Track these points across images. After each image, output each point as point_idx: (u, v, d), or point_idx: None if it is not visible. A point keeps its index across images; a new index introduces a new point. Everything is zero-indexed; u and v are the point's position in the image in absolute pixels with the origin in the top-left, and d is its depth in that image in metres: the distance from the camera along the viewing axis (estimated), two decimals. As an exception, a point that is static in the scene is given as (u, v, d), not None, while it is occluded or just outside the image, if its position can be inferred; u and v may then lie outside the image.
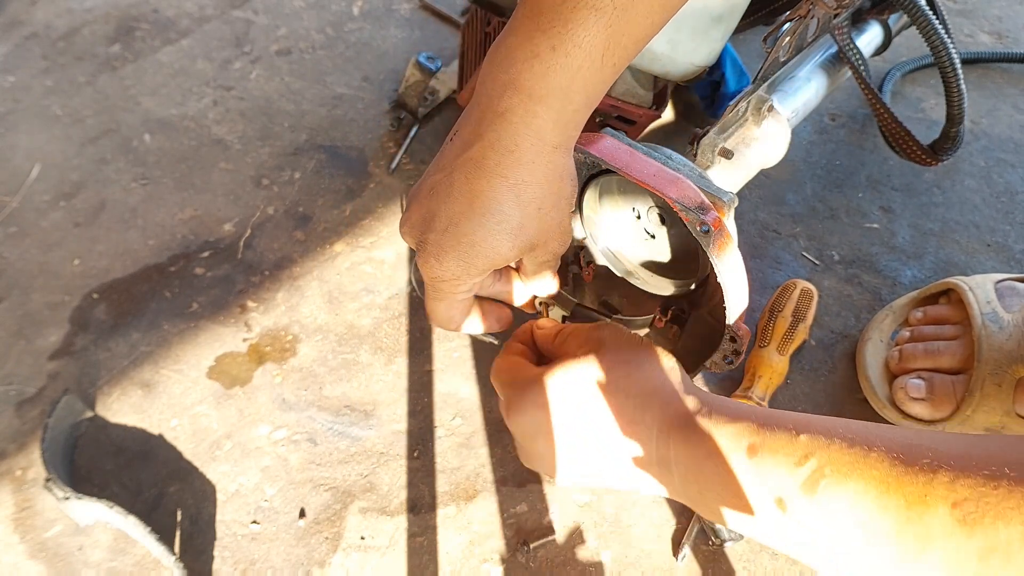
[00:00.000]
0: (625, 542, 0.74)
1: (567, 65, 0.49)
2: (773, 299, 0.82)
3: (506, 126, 0.51)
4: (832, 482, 0.42)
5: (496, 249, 0.54)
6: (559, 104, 0.51)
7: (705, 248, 0.54)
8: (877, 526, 0.39)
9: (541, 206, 0.54)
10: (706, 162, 0.72)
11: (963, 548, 0.36)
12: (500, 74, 0.51)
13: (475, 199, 0.52)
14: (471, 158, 0.52)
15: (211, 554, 0.74)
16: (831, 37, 0.81)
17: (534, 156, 0.52)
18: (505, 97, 0.51)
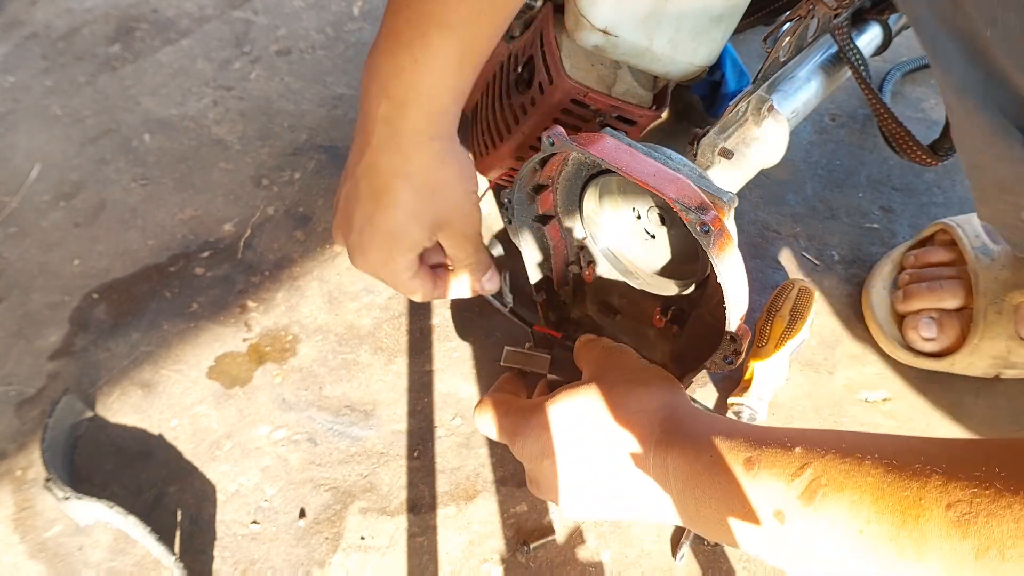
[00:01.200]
0: (625, 542, 0.74)
1: (429, 72, 0.58)
2: (771, 299, 0.82)
3: (387, 130, 0.61)
4: (829, 491, 0.43)
5: (407, 232, 0.64)
6: (427, 104, 0.60)
7: (705, 248, 0.54)
8: (874, 530, 0.40)
9: (433, 189, 0.63)
10: (706, 162, 0.72)
11: (959, 548, 0.37)
12: (373, 87, 0.61)
13: (379, 197, 0.62)
14: (367, 164, 0.63)
15: (211, 554, 0.74)
16: (831, 37, 0.81)
17: (415, 149, 0.61)
18: (382, 106, 0.60)
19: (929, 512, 0.38)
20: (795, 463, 0.46)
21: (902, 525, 0.39)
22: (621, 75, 0.78)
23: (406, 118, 0.60)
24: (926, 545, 0.38)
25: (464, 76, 0.61)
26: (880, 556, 0.40)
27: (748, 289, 0.59)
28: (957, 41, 0.52)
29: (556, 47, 0.76)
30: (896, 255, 0.87)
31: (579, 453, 0.58)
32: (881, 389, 0.83)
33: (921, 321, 0.81)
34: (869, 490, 0.41)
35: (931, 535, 0.38)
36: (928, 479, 0.39)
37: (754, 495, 0.47)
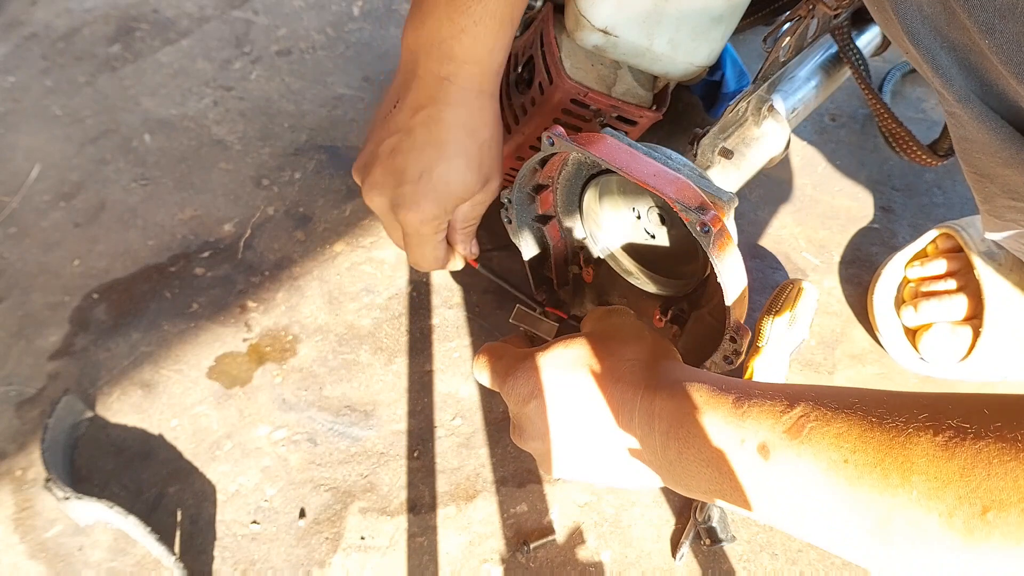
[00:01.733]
0: (625, 542, 0.74)
1: (488, 33, 0.62)
2: (771, 298, 0.82)
3: (452, 88, 0.64)
4: (816, 426, 0.43)
5: (466, 183, 0.66)
6: (487, 61, 0.64)
7: (705, 248, 0.54)
8: (860, 458, 0.40)
9: (491, 144, 0.67)
10: (706, 162, 0.72)
11: (945, 469, 0.37)
12: (436, 51, 0.63)
13: (443, 147, 0.64)
14: (429, 117, 0.64)
15: (211, 554, 0.74)
16: (831, 37, 0.81)
17: (480, 105, 0.65)
18: (445, 66, 0.63)
19: (916, 438, 0.38)
20: (784, 402, 0.46)
21: (888, 452, 0.39)
22: (621, 75, 0.78)
23: (470, 75, 0.64)
24: (911, 468, 0.38)
25: (508, 32, 0.65)
26: (864, 482, 0.40)
27: (748, 289, 0.59)
28: (953, 53, 0.52)
29: (556, 47, 0.76)
30: (899, 262, 0.86)
31: (567, 396, 0.57)
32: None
33: (934, 333, 0.80)
34: (857, 423, 0.41)
35: (917, 459, 0.38)
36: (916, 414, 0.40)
37: (740, 431, 0.46)
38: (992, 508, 0.35)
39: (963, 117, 0.55)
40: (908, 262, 0.85)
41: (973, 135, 0.56)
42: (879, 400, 0.43)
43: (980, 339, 0.77)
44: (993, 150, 0.55)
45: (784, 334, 0.79)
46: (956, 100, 0.54)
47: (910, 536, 0.38)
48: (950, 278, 0.82)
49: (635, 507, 0.76)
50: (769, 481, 0.45)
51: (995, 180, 0.59)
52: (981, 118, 0.53)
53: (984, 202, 0.65)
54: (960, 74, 0.53)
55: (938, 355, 0.80)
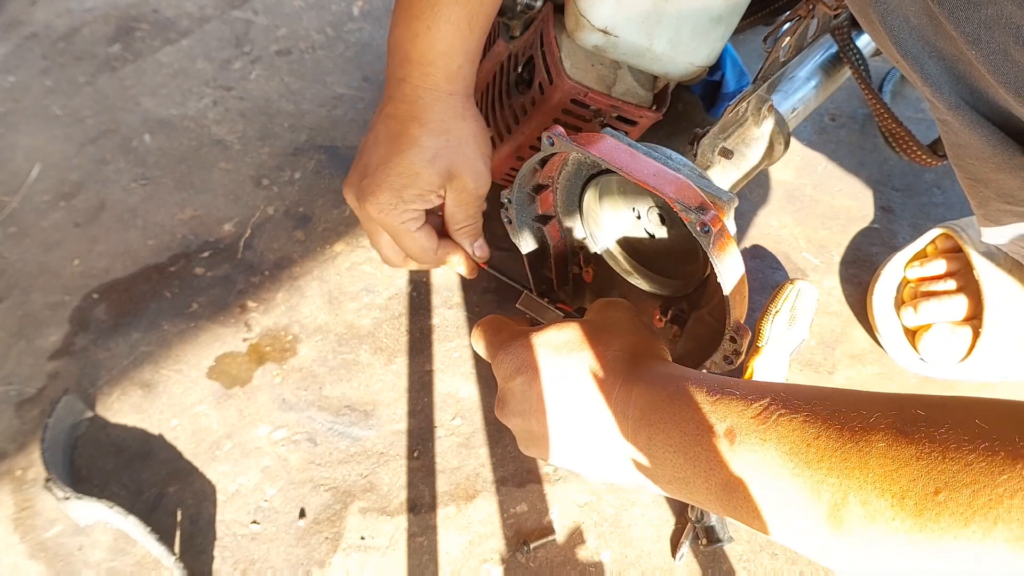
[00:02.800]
0: (625, 542, 0.74)
1: (442, 37, 0.65)
2: (771, 298, 0.82)
3: (407, 86, 0.67)
4: (784, 413, 0.44)
5: (420, 176, 0.67)
6: (444, 63, 0.66)
7: (705, 248, 0.54)
8: (822, 444, 0.41)
9: (448, 138, 0.67)
10: (706, 162, 0.72)
11: (902, 452, 0.37)
12: (396, 54, 0.67)
13: (396, 140, 0.67)
14: (387, 114, 0.68)
15: (211, 554, 0.74)
16: (831, 37, 0.81)
17: (434, 101, 0.67)
18: (402, 68, 0.67)
19: (878, 426, 0.39)
20: (755, 394, 0.46)
21: (850, 437, 0.40)
22: (621, 75, 0.78)
23: (425, 76, 0.66)
24: (871, 452, 0.38)
25: (474, 37, 0.67)
26: (823, 465, 0.40)
27: (748, 289, 0.59)
28: (942, 62, 0.52)
29: (556, 47, 0.76)
30: (899, 262, 0.86)
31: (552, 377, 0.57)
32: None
33: (933, 334, 0.80)
34: (823, 412, 0.42)
35: (877, 443, 0.38)
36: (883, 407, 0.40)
37: (710, 416, 0.47)
38: (944, 489, 0.35)
39: (954, 124, 0.55)
40: (908, 262, 0.85)
41: (965, 141, 0.56)
42: (848, 396, 0.44)
43: (980, 339, 0.77)
44: (985, 155, 0.55)
45: (784, 334, 0.80)
46: (947, 108, 0.54)
47: (862, 517, 0.38)
48: (950, 278, 0.82)
49: (635, 507, 0.76)
50: (733, 466, 0.45)
51: (989, 185, 0.59)
52: (972, 125, 0.53)
53: (979, 206, 0.65)
54: (949, 83, 0.53)
55: (938, 355, 0.80)
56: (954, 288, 0.81)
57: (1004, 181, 0.57)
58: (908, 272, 0.84)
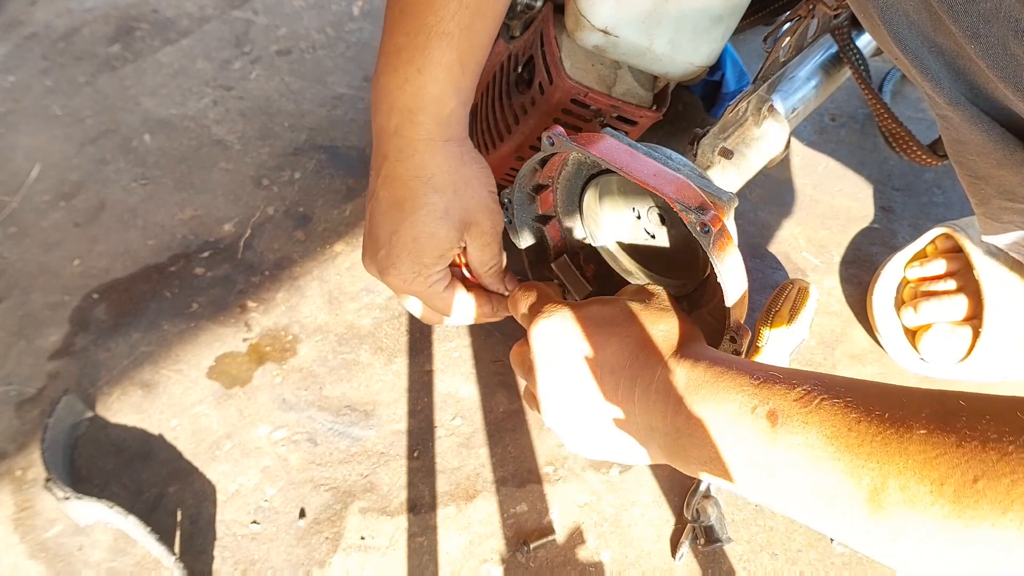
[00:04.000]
0: (625, 542, 0.74)
1: (434, 80, 0.60)
2: (771, 298, 0.82)
3: (400, 140, 0.62)
4: (827, 398, 0.44)
5: (435, 235, 0.63)
6: (435, 110, 0.61)
7: (705, 248, 0.54)
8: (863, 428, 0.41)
9: (455, 188, 0.63)
10: (706, 162, 0.72)
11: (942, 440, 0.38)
12: (383, 104, 0.62)
13: (402, 205, 0.63)
14: (386, 176, 0.63)
15: (211, 554, 0.74)
16: (831, 37, 0.81)
17: (431, 153, 0.62)
18: (392, 119, 0.62)
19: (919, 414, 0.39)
20: (798, 379, 0.47)
21: (891, 423, 0.40)
22: (621, 75, 0.78)
23: (417, 125, 0.61)
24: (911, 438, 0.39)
25: (467, 79, 0.62)
26: (864, 450, 0.40)
27: (748, 289, 0.59)
28: (941, 57, 0.52)
29: (556, 47, 0.76)
30: (899, 262, 0.86)
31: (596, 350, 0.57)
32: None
33: (934, 334, 0.80)
34: (865, 401, 0.42)
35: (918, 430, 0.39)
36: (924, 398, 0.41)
37: (753, 398, 0.47)
38: (983, 478, 0.35)
39: (954, 120, 0.55)
40: (908, 262, 0.85)
41: (965, 137, 0.56)
42: (888, 387, 0.44)
43: (980, 339, 0.77)
44: (986, 151, 0.55)
45: (784, 334, 0.80)
46: (947, 103, 0.54)
47: (901, 502, 0.38)
48: (950, 278, 0.82)
49: (635, 507, 0.76)
50: (773, 448, 0.45)
51: (990, 182, 0.59)
52: (972, 120, 0.53)
53: (980, 204, 0.65)
54: (949, 78, 0.53)
55: (938, 355, 0.80)
56: (954, 288, 0.81)
57: (1005, 177, 0.57)
58: (908, 272, 0.84)
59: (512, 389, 0.83)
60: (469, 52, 0.61)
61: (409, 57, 0.60)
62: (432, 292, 0.67)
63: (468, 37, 0.60)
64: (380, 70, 0.62)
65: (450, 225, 0.63)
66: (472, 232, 0.65)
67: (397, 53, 0.60)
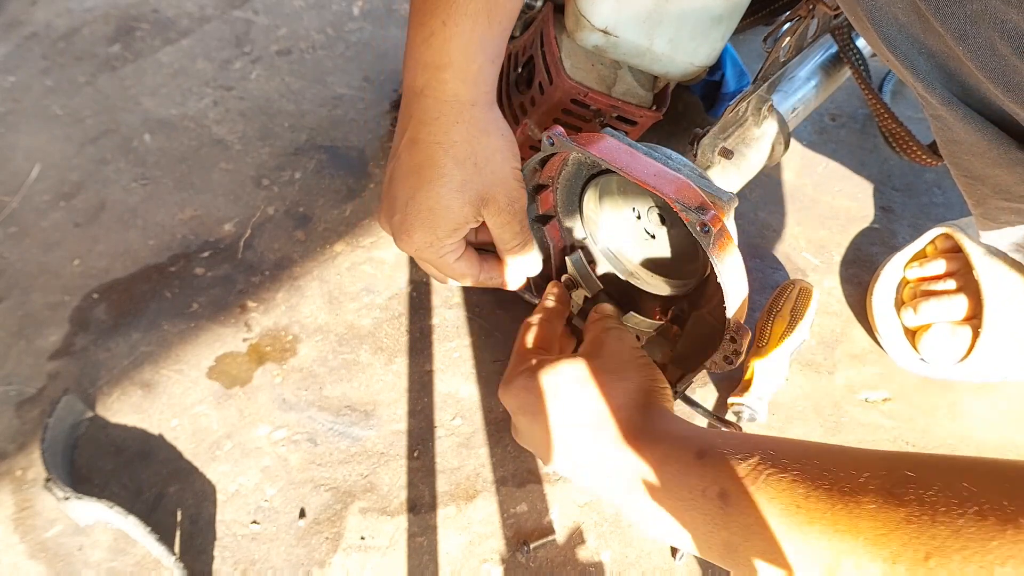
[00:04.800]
0: (625, 542, 0.74)
1: (460, 32, 0.58)
2: (771, 299, 0.82)
3: (425, 100, 0.60)
4: (773, 473, 0.44)
5: (451, 208, 0.61)
6: (463, 66, 0.59)
7: (705, 248, 0.54)
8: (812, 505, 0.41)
9: (476, 160, 0.61)
10: (706, 162, 0.72)
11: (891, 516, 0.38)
12: (410, 61, 0.60)
13: (421, 171, 0.61)
14: (410, 139, 0.61)
15: (211, 554, 0.74)
16: (831, 37, 0.81)
17: (456, 117, 0.60)
18: (419, 77, 0.60)
19: (867, 487, 0.40)
20: (744, 452, 0.47)
21: (839, 498, 0.40)
22: (621, 75, 0.78)
23: (443, 83, 0.59)
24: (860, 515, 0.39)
25: (494, 33, 0.60)
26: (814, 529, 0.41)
27: (748, 289, 0.59)
28: (932, 60, 0.52)
29: (556, 47, 0.76)
30: (899, 263, 0.86)
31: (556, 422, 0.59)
32: (881, 389, 0.83)
33: (933, 334, 0.80)
34: (810, 471, 0.43)
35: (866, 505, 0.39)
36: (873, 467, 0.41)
37: (701, 479, 0.48)
38: (934, 555, 0.35)
39: (948, 120, 0.55)
40: (908, 262, 0.85)
41: (960, 137, 0.56)
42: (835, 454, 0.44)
43: (979, 339, 0.77)
44: (981, 151, 0.55)
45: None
46: (940, 103, 0.54)
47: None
48: (949, 278, 0.82)
49: (635, 507, 0.76)
50: (728, 526, 0.46)
51: (986, 182, 0.59)
52: (966, 120, 0.53)
53: (977, 205, 0.65)
54: (940, 79, 0.53)
55: (938, 355, 0.80)
56: (954, 288, 0.81)
57: (1001, 177, 0.57)
58: (908, 272, 0.84)
59: (512, 389, 0.83)
60: (495, 3, 0.59)
61: (433, 9, 0.58)
62: (443, 262, 0.66)
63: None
64: (409, 26, 0.61)
65: (465, 199, 0.62)
66: (490, 208, 0.64)
67: (423, 5, 0.59)
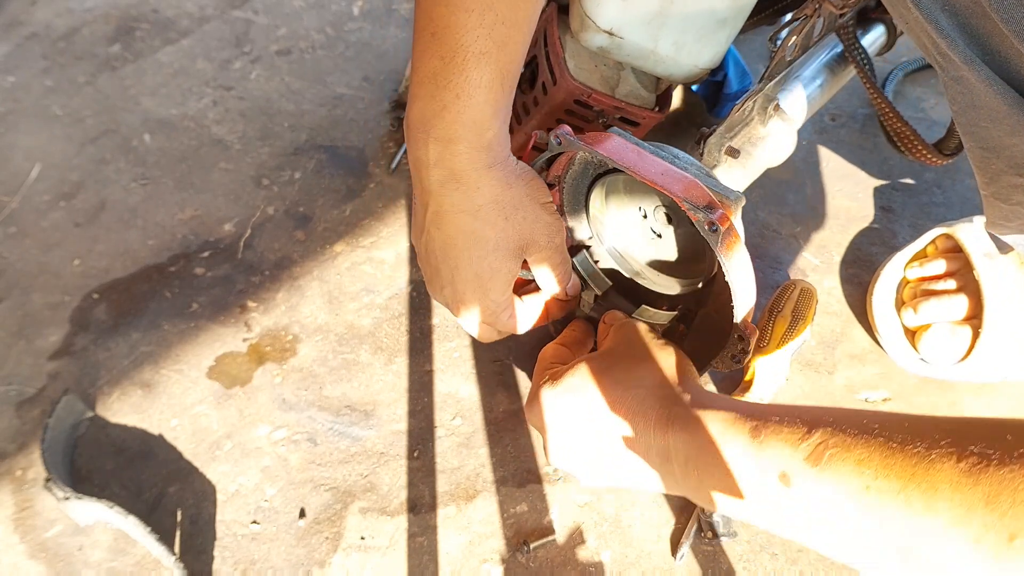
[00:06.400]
0: (625, 542, 0.74)
1: (473, 104, 0.56)
2: (773, 299, 0.82)
3: (442, 172, 0.59)
4: (836, 452, 0.43)
5: (495, 269, 0.62)
6: (475, 137, 0.57)
7: (713, 247, 0.54)
8: (882, 485, 0.40)
9: (506, 215, 0.61)
10: (712, 161, 0.72)
11: (970, 495, 0.37)
12: (419, 135, 0.58)
13: (456, 243, 0.61)
14: (434, 213, 0.61)
15: (211, 554, 0.74)
16: (836, 36, 0.81)
17: (476, 182, 0.59)
18: (431, 150, 0.58)
19: (939, 464, 0.38)
20: (802, 429, 0.45)
21: (911, 478, 0.39)
22: (625, 76, 0.78)
23: (457, 155, 0.58)
24: (936, 495, 0.38)
25: (505, 96, 0.59)
26: (887, 510, 0.40)
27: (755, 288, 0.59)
28: (955, 17, 0.51)
29: (560, 47, 0.76)
30: (899, 262, 0.86)
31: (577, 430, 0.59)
32: (881, 389, 0.83)
33: (933, 334, 0.80)
34: (877, 449, 0.41)
35: (941, 485, 0.38)
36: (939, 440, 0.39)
37: (759, 461, 0.46)
38: (1019, 535, 0.35)
39: (970, 80, 0.53)
40: (908, 262, 0.85)
41: (980, 101, 0.54)
42: (899, 425, 0.42)
43: (980, 339, 0.77)
44: (1000, 116, 0.53)
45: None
46: (962, 62, 0.52)
47: (936, 563, 0.38)
48: (949, 278, 0.82)
49: (635, 507, 0.76)
50: (792, 508, 0.45)
51: (1001, 154, 0.58)
52: (988, 82, 0.52)
53: (989, 183, 0.63)
54: (962, 38, 0.52)
55: (938, 355, 0.80)
56: (954, 288, 0.81)
57: (1018, 147, 0.55)
58: (908, 272, 0.84)
59: (512, 389, 0.83)
60: (507, 68, 0.57)
61: (445, 82, 0.55)
62: (503, 322, 0.67)
63: (506, 53, 0.56)
64: (414, 97, 0.58)
65: (505, 255, 0.62)
66: (531, 251, 0.64)
67: (433, 79, 0.56)
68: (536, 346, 0.84)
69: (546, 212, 0.64)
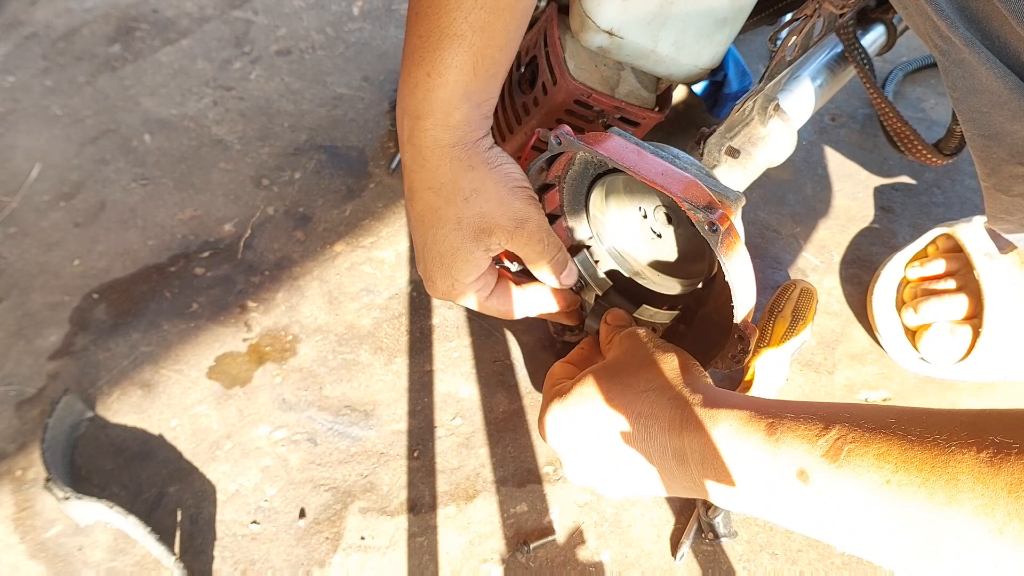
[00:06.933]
0: (625, 542, 0.74)
1: (443, 84, 0.58)
2: (773, 299, 0.82)
3: (413, 148, 0.62)
4: (855, 447, 0.42)
5: (456, 248, 0.62)
6: (443, 116, 0.60)
7: (713, 247, 0.54)
8: (902, 478, 0.40)
9: (465, 196, 0.62)
10: (712, 161, 0.72)
11: (992, 485, 0.36)
12: (399, 110, 0.62)
13: (424, 219, 0.63)
14: (408, 188, 0.63)
15: (211, 554, 0.74)
16: (836, 36, 0.81)
17: (437, 161, 0.61)
18: (405, 125, 0.62)
19: (960, 456, 0.38)
20: (818, 425, 0.45)
21: (931, 471, 0.39)
22: (624, 76, 0.78)
23: (424, 131, 0.60)
24: (958, 487, 0.37)
25: (481, 81, 0.60)
26: (909, 504, 0.39)
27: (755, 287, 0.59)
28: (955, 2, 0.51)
29: (560, 48, 0.76)
30: (899, 262, 0.86)
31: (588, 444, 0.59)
32: (881, 389, 0.83)
33: (934, 333, 0.80)
34: (896, 443, 0.41)
35: (962, 476, 0.37)
36: (957, 431, 0.39)
37: (777, 459, 0.46)
38: None
39: (971, 63, 0.53)
40: (908, 262, 0.85)
41: (981, 85, 0.54)
42: (917, 418, 0.42)
43: (980, 339, 0.77)
44: (1002, 101, 0.53)
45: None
46: (963, 43, 0.52)
47: (961, 552, 0.37)
48: (950, 278, 0.82)
49: (635, 507, 0.76)
50: (811, 505, 0.45)
51: (1002, 141, 0.57)
52: (989, 65, 0.51)
53: (991, 174, 0.62)
54: (962, 21, 0.52)
55: (938, 355, 0.80)
56: (954, 287, 0.81)
57: (1019, 134, 0.54)
58: (908, 272, 0.84)
59: (512, 389, 0.83)
60: (484, 53, 0.59)
61: (420, 60, 0.59)
62: (475, 301, 0.67)
63: (483, 38, 0.58)
64: (401, 74, 0.61)
65: (466, 236, 0.62)
66: (498, 236, 0.63)
67: (411, 56, 0.59)
68: (536, 346, 0.85)
69: (516, 198, 0.63)
